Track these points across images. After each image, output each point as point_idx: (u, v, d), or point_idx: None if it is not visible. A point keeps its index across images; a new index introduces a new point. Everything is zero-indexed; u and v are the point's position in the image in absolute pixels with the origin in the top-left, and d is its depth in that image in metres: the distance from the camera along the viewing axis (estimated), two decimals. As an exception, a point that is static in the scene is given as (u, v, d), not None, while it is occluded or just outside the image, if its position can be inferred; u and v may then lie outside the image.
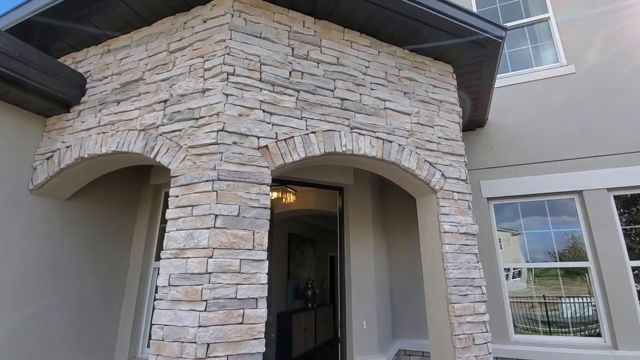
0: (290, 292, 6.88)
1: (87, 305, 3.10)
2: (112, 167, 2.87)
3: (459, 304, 2.55)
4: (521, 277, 4.96)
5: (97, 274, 3.20)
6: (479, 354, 2.50)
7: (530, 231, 4.44)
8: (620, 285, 3.78)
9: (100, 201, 3.33)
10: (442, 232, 2.70)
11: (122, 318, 3.36)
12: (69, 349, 2.90)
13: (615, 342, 3.69)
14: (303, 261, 7.72)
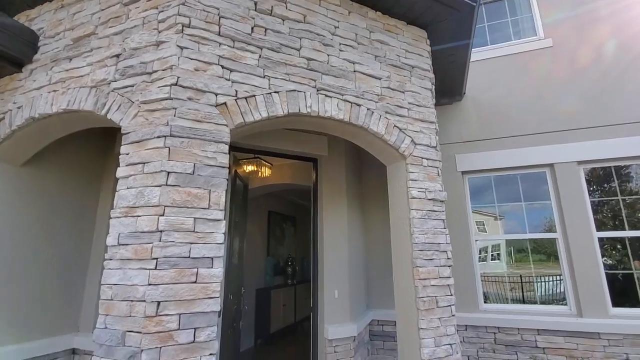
0: (270, 269, 6.89)
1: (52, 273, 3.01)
2: (67, 129, 2.71)
3: (423, 268, 2.55)
4: (500, 259, 5.08)
5: (59, 242, 3.09)
6: (442, 316, 2.52)
7: (503, 204, 4.50)
8: (587, 255, 3.89)
9: (61, 169, 3.17)
10: (410, 198, 2.68)
11: (88, 285, 3.26)
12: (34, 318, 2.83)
13: (579, 310, 3.82)
14: (283, 239, 7.71)
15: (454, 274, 4.20)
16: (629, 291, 3.91)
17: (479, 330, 4.00)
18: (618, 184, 4.13)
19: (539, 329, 3.79)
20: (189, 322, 1.77)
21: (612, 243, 4.18)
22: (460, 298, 4.14)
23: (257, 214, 6.71)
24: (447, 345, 2.48)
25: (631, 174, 4.23)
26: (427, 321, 2.45)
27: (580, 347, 3.61)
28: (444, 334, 2.49)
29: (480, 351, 3.95)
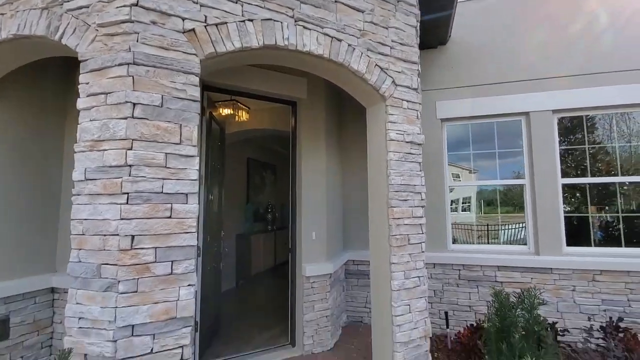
0: (250, 215, 6.98)
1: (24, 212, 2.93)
2: (21, 58, 2.46)
3: (398, 208, 2.64)
4: (470, 210, 5.32)
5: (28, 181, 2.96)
6: (412, 252, 2.67)
7: (478, 155, 4.61)
8: (550, 199, 4.13)
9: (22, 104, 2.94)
10: (388, 140, 2.67)
11: (61, 224, 3.19)
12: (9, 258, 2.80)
13: (537, 249, 4.15)
14: (263, 186, 7.73)
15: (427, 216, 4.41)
16: (582, 233, 4.26)
17: (446, 268, 4.31)
18: (585, 134, 4.28)
19: (499, 266, 4.13)
20: (165, 255, 1.78)
21: (572, 191, 4.45)
22: (431, 239, 4.40)
23: (236, 160, 6.61)
24: (415, 277, 2.66)
25: (596, 125, 4.38)
26: (399, 257, 2.59)
27: (534, 281, 3.99)
28: (414, 268, 2.66)
29: (446, 286, 4.30)
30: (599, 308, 3.81)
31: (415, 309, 2.64)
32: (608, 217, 4.36)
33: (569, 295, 3.91)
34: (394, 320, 2.53)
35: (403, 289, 2.58)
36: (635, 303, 3.73)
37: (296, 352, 3.58)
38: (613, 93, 4.02)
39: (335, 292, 4.04)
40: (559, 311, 3.91)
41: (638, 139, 4.16)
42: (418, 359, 2.60)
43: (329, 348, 3.68)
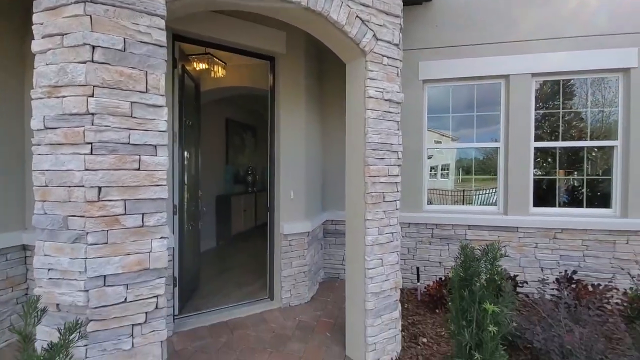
0: (229, 177, 6.92)
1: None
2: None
3: (374, 166, 2.66)
4: (449, 177, 5.43)
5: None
6: (387, 209, 2.74)
7: (457, 114, 4.64)
8: (522, 162, 4.28)
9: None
10: (366, 98, 2.63)
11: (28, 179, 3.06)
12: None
13: (506, 209, 4.35)
14: (243, 148, 7.60)
15: (404, 178, 4.50)
16: (549, 195, 4.48)
17: (420, 227, 4.49)
18: (560, 99, 4.36)
19: (470, 225, 4.33)
20: (136, 207, 1.75)
21: (543, 155, 4.61)
22: (407, 200, 4.53)
23: (214, 120, 6.41)
24: (389, 233, 2.76)
25: (571, 91, 4.46)
26: (373, 213, 2.66)
27: (501, 238, 4.23)
28: (387, 225, 2.75)
29: (419, 244, 4.50)
30: (557, 263, 4.11)
31: (387, 262, 2.76)
32: (575, 180, 4.59)
33: (531, 251, 4.18)
34: (366, 273, 2.64)
35: (376, 244, 2.68)
36: (589, 258, 4.04)
37: (274, 305, 3.73)
38: (590, 57, 4.06)
39: (313, 250, 4.16)
40: (521, 266, 4.20)
41: (608, 105, 4.27)
42: (388, 307, 2.76)
43: (306, 301, 3.85)
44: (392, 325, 2.82)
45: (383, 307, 2.73)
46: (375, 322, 2.68)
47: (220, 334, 3.18)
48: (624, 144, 4.08)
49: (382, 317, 2.73)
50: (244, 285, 4.29)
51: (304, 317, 3.53)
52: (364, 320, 2.67)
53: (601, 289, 3.38)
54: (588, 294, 3.32)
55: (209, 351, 2.89)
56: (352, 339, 2.81)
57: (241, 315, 3.49)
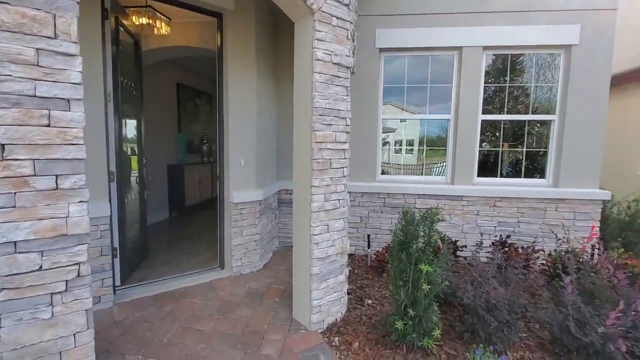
0: (182, 146, 6.59)
1: None
2: None
3: (321, 132, 2.61)
4: (412, 153, 5.51)
5: None
6: (334, 176, 2.74)
7: (411, 85, 4.67)
8: (469, 134, 4.44)
9: None
10: (314, 60, 2.53)
11: None
12: None
13: (453, 179, 4.55)
14: (197, 115, 7.22)
15: (359, 148, 4.53)
16: (492, 166, 4.74)
17: (373, 196, 4.59)
18: (507, 73, 4.53)
19: (419, 194, 4.50)
20: (47, 168, 1.58)
21: (490, 128, 4.82)
22: (361, 169, 4.59)
23: (162, 84, 5.97)
24: (335, 200, 2.78)
25: (522, 65, 4.63)
26: (319, 180, 2.65)
27: (446, 207, 4.45)
28: (334, 192, 2.76)
29: (371, 212, 4.62)
30: (495, 228, 4.43)
31: (334, 229, 2.79)
32: (516, 153, 4.87)
33: (473, 218, 4.46)
34: (312, 239, 2.67)
35: (322, 211, 2.69)
36: (523, 224, 4.38)
37: (224, 273, 3.70)
38: (538, 32, 4.20)
39: (266, 219, 4.13)
40: (463, 232, 4.47)
41: (551, 81, 4.49)
42: (333, 271, 2.83)
43: (257, 269, 3.86)
44: (338, 288, 2.91)
45: (328, 272, 2.80)
46: (320, 286, 2.75)
47: (165, 303, 3.12)
48: (560, 119, 4.36)
49: (327, 281, 2.80)
50: (195, 255, 4.20)
51: (255, 284, 3.54)
52: (310, 285, 2.72)
53: (529, 251, 3.70)
54: (517, 255, 3.62)
55: (151, 320, 2.83)
56: (299, 303, 2.88)
57: (189, 284, 3.44)
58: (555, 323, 2.52)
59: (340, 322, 2.90)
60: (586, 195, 4.23)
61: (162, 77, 5.94)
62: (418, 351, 2.49)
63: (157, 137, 5.81)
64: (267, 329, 2.78)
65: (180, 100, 6.58)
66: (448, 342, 2.66)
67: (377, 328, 2.80)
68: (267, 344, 2.58)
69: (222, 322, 2.85)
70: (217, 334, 2.68)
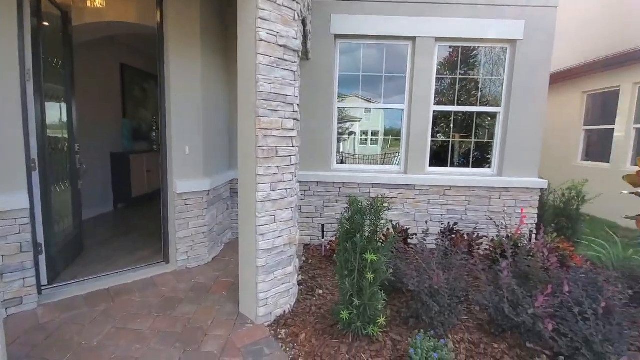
0: (128, 132, 6.11)
1: None
2: None
3: (266, 118, 2.49)
4: (377, 144, 5.50)
5: None
6: (281, 164, 2.64)
7: (367, 74, 4.64)
8: (422, 124, 4.52)
9: None
10: (257, 40, 2.38)
11: None
12: None
13: (406, 169, 4.63)
14: (145, 100, 6.73)
15: (313, 136, 4.45)
16: (443, 156, 4.88)
17: (328, 186, 4.55)
18: (458, 65, 4.64)
19: (374, 183, 4.53)
20: None
21: (441, 119, 4.94)
22: (316, 159, 4.52)
23: (102, 65, 5.46)
24: (282, 190, 2.68)
25: (473, 58, 4.76)
26: (265, 168, 2.53)
27: (399, 195, 4.53)
28: (281, 180, 2.66)
29: (326, 202, 4.59)
30: (445, 216, 4.58)
31: (281, 219, 2.70)
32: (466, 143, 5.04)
33: (424, 207, 4.57)
34: (257, 230, 2.56)
35: (268, 201, 2.58)
36: (470, 212, 4.57)
37: (169, 268, 3.49)
38: (487, 26, 4.32)
39: (216, 210, 3.94)
40: (415, 220, 4.58)
41: (499, 75, 4.67)
42: (281, 263, 2.75)
43: (206, 262, 3.69)
44: (286, 280, 2.83)
45: (276, 264, 2.71)
46: (267, 278, 2.66)
47: (99, 302, 2.87)
48: (505, 112, 4.56)
49: (274, 273, 2.71)
50: (138, 250, 3.92)
51: (201, 278, 3.38)
52: (256, 277, 2.62)
53: (473, 237, 3.87)
54: (463, 241, 3.77)
55: (81, 321, 2.59)
56: (245, 296, 2.77)
57: (127, 281, 3.19)
58: (492, 305, 2.64)
59: (289, 314, 2.84)
60: (526, 184, 4.49)
61: (103, 57, 5.43)
62: (364, 339, 2.49)
63: (97, 122, 5.34)
64: (210, 324, 2.65)
65: (125, 82, 6.07)
66: (394, 328, 2.70)
67: (326, 318, 2.78)
68: (209, 341, 2.46)
69: (162, 320, 2.68)
70: (154, 333, 2.51)
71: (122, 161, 5.75)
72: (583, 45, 8.43)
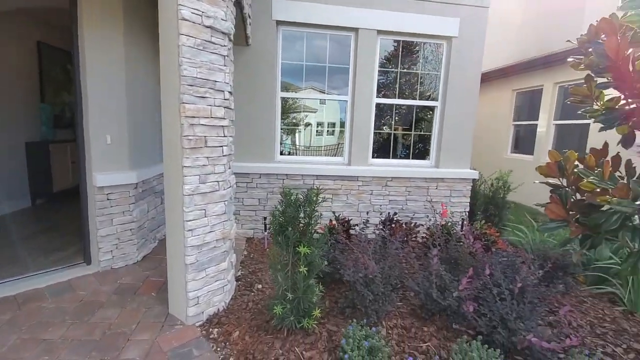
0: (48, 119, 5.44)
1: None
2: None
3: (192, 105, 2.31)
4: (334, 135, 5.41)
5: None
6: (211, 155, 2.48)
7: (311, 63, 4.57)
8: (364, 116, 4.57)
9: None
10: (179, 19, 2.19)
11: None
12: None
13: (350, 160, 4.66)
14: (68, 83, 6.02)
15: (254, 126, 4.30)
16: (385, 148, 5.00)
17: (271, 178, 4.44)
18: (399, 59, 4.75)
19: (318, 175, 4.51)
20: None
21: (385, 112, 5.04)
22: (258, 150, 4.38)
23: (12, 42, 4.76)
24: (213, 182, 2.53)
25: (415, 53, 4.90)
26: (192, 159, 2.36)
27: (343, 187, 4.56)
28: (212, 172, 2.50)
29: (270, 194, 4.48)
30: (387, 207, 4.71)
31: (213, 213, 2.56)
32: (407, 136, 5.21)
33: (367, 197, 4.66)
34: (185, 225, 2.39)
35: (197, 194, 2.42)
36: (410, 202, 4.75)
37: (91, 269, 3.17)
38: (427, 22, 4.45)
39: (147, 204, 3.65)
40: (359, 210, 4.66)
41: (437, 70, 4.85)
42: (214, 259, 2.62)
43: (134, 261, 3.41)
44: (220, 276, 2.71)
45: (207, 260, 2.57)
46: (198, 276, 2.51)
47: (4, 310, 2.52)
48: (441, 106, 4.77)
49: (207, 270, 2.57)
50: (57, 251, 3.51)
51: (128, 279, 3.11)
52: (185, 275, 2.46)
53: (411, 226, 4.02)
54: (401, 230, 3.90)
55: (-25, 335, 2.25)
56: (174, 296, 2.59)
57: (39, 285, 2.84)
58: (422, 290, 2.76)
59: (223, 312, 2.72)
60: (460, 174, 4.77)
61: (14, 34, 4.73)
62: (299, 332, 2.47)
63: (6, 107, 4.67)
64: (135, 328, 2.45)
65: (43, 62, 5.37)
66: (332, 319, 2.70)
67: (263, 313, 2.70)
68: (131, 347, 2.26)
69: (78, 327, 2.41)
70: (67, 343, 2.25)
71: (41, 151, 5.11)
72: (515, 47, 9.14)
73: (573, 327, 2.77)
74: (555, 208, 2.25)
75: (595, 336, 2.69)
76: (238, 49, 4.07)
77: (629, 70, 1.96)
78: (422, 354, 2.35)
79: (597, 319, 2.94)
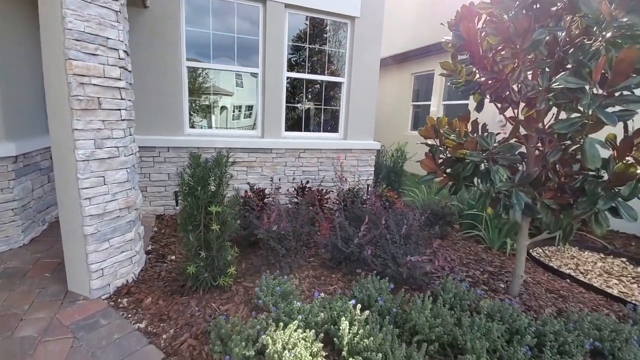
0: None
1: None
2: None
3: (81, 62, 2.13)
4: (251, 117, 5.24)
5: None
6: (107, 119, 2.33)
7: (218, 32, 4.44)
8: (276, 89, 4.67)
9: None
10: (58, -36, 1.97)
11: None
12: None
13: (263, 133, 4.75)
14: None
15: (158, 96, 4.07)
16: (298, 122, 5.22)
17: (181, 151, 4.28)
18: (307, 35, 4.94)
19: (231, 148, 4.49)
20: None
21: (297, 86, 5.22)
22: (164, 121, 4.18)
23: None
24: (112, 147, 2.39)
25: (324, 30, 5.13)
26: (85, 122, 2.20)
27: (257, 159, 4.66)
28: (109, 137, 2.36)
29: (180, 169, 4.29)
30: (301, 177, 4.97)
31: (114, 180, 2.43)
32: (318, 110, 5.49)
33: (282, 169, 4.84)
34: (81, 193, 2.24)
35: (94, 160, 2.27)
36: (322, 171, 5.09)
37: (-40, 256, 2.73)
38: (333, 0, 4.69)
39: (31, 182, 3.23)
40: (273, 182, 4.79)
41: (343, 47, 5.18)
42: (118, 229, 2.50)
43: (20, 245, 3.02)
44: (127, 247, 2.60)
45: (111, 230, 2.45)
46: (100, 247, 2.39)
47: None
48: (347, 82, 5.15)
49: (110, 241, 2.46)
50: None
51: (14, 262, 2.77)
52: (85, 247, 2.32)
53: (323, 192, 4.35)
54: (313, 196, 4.20)
55: None
56: (74, 271, 2.42)
57: None
58: (330, 243, 3.09)
59: (132, 282, 2.64)
60: (365, 145, 5.27)
61: None
62: (215, 290, 2.56)
63: None
64: (28, 309, 2.24)
65: None
66: (248, 278, 2.85)
67: (177, 280, 2.71)
68: (25, 325, 2.08)
69: (-52, 316, 2.11)
70: None
71: None
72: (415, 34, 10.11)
73: (447, 260, 3.43)
74: (428, 162, 2.73)
75: (462, 265, 3.39)
76: (135, 11, 3.75)
77: (479, 50, 2.47)
78: (329, 295, 2.68)
79: (465, 254, 3.68)
